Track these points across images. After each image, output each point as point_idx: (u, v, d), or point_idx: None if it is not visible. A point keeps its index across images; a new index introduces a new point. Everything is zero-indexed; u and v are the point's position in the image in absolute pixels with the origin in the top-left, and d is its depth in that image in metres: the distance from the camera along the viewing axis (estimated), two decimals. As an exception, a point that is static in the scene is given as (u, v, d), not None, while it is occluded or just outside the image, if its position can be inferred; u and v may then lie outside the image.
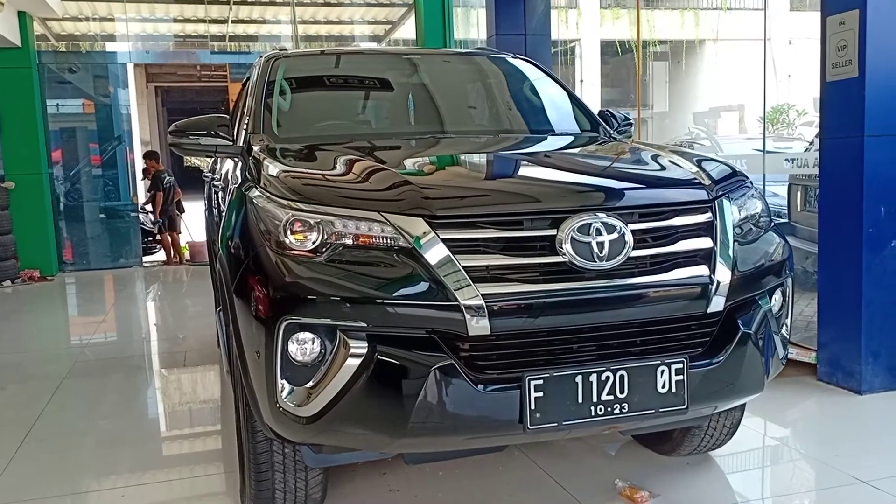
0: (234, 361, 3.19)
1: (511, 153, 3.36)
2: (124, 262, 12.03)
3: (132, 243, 12.20)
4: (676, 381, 2.48)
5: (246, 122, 3.67)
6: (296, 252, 2.49)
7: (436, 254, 2.39)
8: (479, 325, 2.34)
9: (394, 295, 2.38)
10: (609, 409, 2.43)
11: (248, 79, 4.47)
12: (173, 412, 4.73)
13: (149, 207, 12.86)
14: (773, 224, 2.98)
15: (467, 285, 2.35)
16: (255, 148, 3.34)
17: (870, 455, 3.49)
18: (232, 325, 2.76)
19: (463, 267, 2.37)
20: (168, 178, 12.39)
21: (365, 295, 2.39)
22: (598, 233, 2.44)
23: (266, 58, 4.07)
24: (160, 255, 12.87)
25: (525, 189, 2.68)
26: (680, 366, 2.48)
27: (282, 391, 2.46)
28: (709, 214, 2.65)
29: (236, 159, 3.58)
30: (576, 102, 4.14)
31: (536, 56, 8.52)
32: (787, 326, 2.93)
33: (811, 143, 6.40)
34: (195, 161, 22.53)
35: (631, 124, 4.20)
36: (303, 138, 3.53)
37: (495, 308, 2.35)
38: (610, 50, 22.78)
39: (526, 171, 3.02)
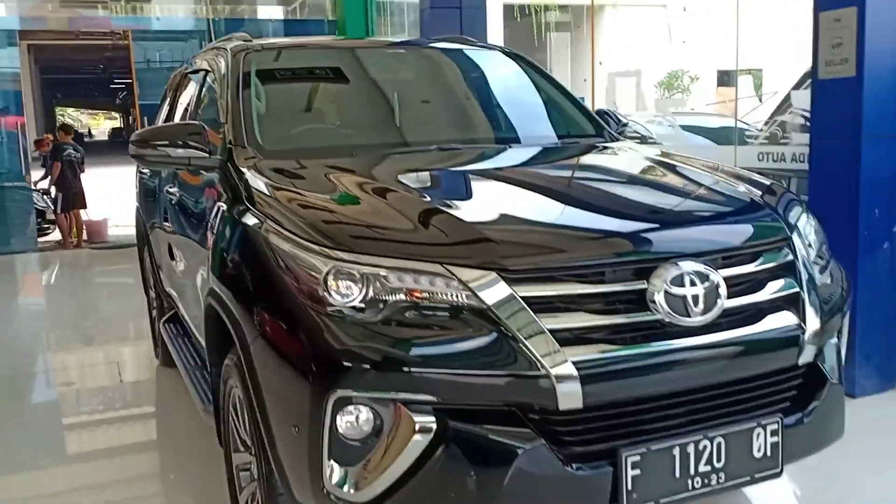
0: (229, 429, 2.84)
1: (565, 179, 3.02)
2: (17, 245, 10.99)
3: (25, 224, 11.10)
4: (772, 444, 2.26)
5: (223, 130, 3.20)
6: (339, 309, 2.13)
7: (515, 314, 2.07)
8: (570, 397, 2.05)
9: (471, 364, 2.06)
10: (706, 480, 2.19)
11: (204, 73, 3.97)
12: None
13: (43, 185, 11.80)
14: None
15: (556, 351, 2.04)
16: (244, 166, 2.92)
17: (863, 459, 3.43)
18: (251, 388, 2.37)
19: (548, 329, 2.07)
20: (74, 152, 11.31)
21: (436, 364, 2.06)
22: (692, 283, 2.18)
23: (234, 51, 3.57)
24: (56, 235, 11.81)
25: (606, 233, 2.36)
26: (775, 426, 2.26)
27: (330, 473, 2.11)
28: (786, 251, 2.43)
29: (215, 173, 3.14)
30: (574, 102, 3.85)
31: (473, 31, 8.17)
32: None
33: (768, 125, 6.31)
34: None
35: (627, 125, 3.96)
36: (295, 151, 3.13)
37: (587, 376, 2.06)
38: (511, 14, 22.53)
39: (593, 204, 2.68)
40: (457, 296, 2.10)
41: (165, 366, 5.13)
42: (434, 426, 2.04)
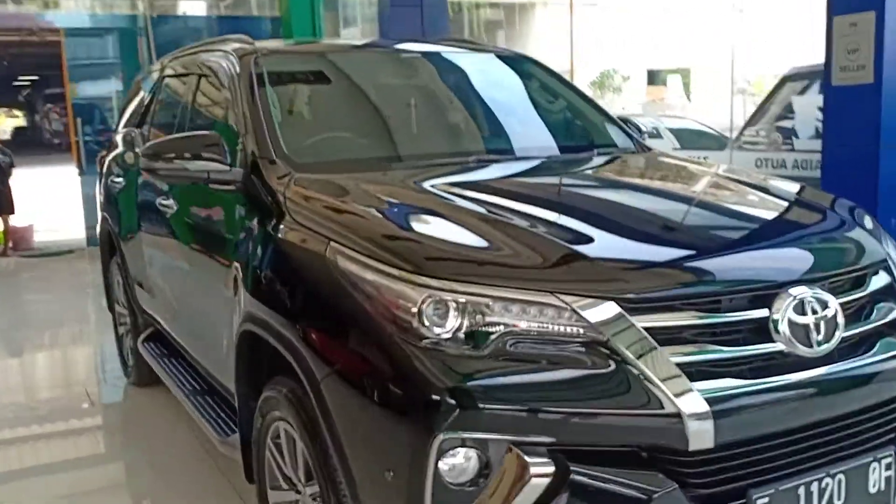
0: (265, 465, 2.61)
1: (648, 195, 2.82)
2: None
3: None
4: (886, 478, 2.13)
5: (241, 141, 2.91)
6: (437, 342, 1.91)
7: (638, 346, 1.88)
8: (701, 436, 1.86)
9: (591, 402, 1.86)
10: None
11: (197, 77, 3.65)
12: None
13: None
14: None
15: (685, 386, 1.86)
16: (279, 181, 2.64)
17: None
18: (325, 428, 2.12)
19: (674, 362, 1.88)
20: (1, 156, 10.61)
21: (553, 402, 1.87)
22: (814, 310, 2.03)
23: (242, 54, 3.26)
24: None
25: (724, 258, 2.18)
26: (889, 459, 2.13)
27: None
28: (885, 272, 2.31)
29: (233, 186, 2.85)
30: (600, 110, 3.69)
31: (434, 29, 7.99)
32: None
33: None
34: None
35: (644, 133, 3.81)
36: (330, 164, 2.86)
37: (719, 412, 1.87)
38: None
39: (696, 226, 2.50)
40: (571, 328, 1.90)
41: (138, 385, 4.76)
42: (552, 470, 1.84)
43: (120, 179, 4.48)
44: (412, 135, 3.29)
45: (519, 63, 3.83)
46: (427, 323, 1.92)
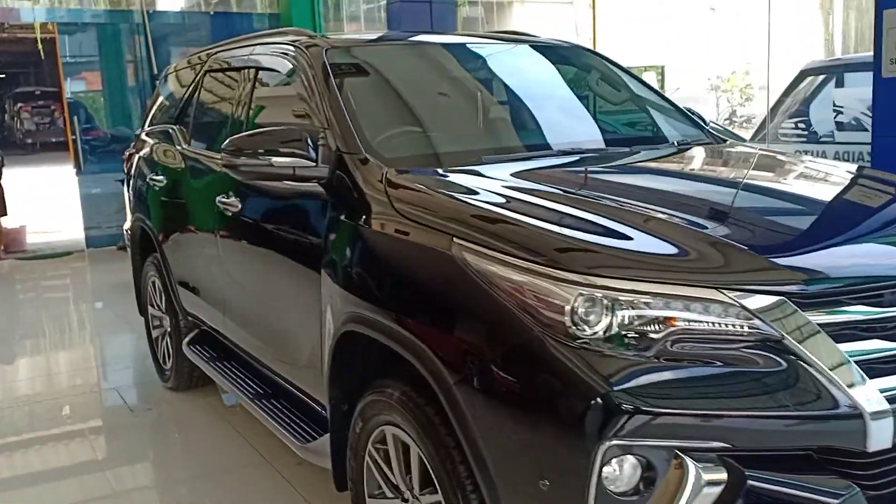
0: (363, 473, 2.56)
1: (784, 186, 2.79)
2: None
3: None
4: None
5: (323, 136, 2.82)
6: (591, 343, 1.83)
7: (814, 343, 1.83)
8: (881, 435, 1.81)
9: (765, 403, 1.80)
10: None
11: (254, 70, 3.56)
12: None
13: None
14: None
15: (864, 385, 1.81)
16: (375, 177, 2.57)
17: None
18: (462, 436, 2.03)
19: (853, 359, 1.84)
20: None
21: (724, 405, 1.80)
22: None
23: (313, 47, 3.17)
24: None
25: (882, 247, 2.15)
26: None
27: None
28: None
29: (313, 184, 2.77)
30: (670, 101, 3.65)
31: (443, 25, 7.94)
32: None
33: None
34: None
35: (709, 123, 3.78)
36: (424, 158, 2.80)
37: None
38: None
39: (843, 216, 2.46)
40: (740, 325, 1.85)
41: (176, 390, 4.64)
42: (724, 477, 1.78)
43: (160, 177, 4.35)
44: (496, 127, 3.22)
45: (583, 54, 3.78)
46: (581, 322, 1.85)
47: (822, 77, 6.13)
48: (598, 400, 1.77)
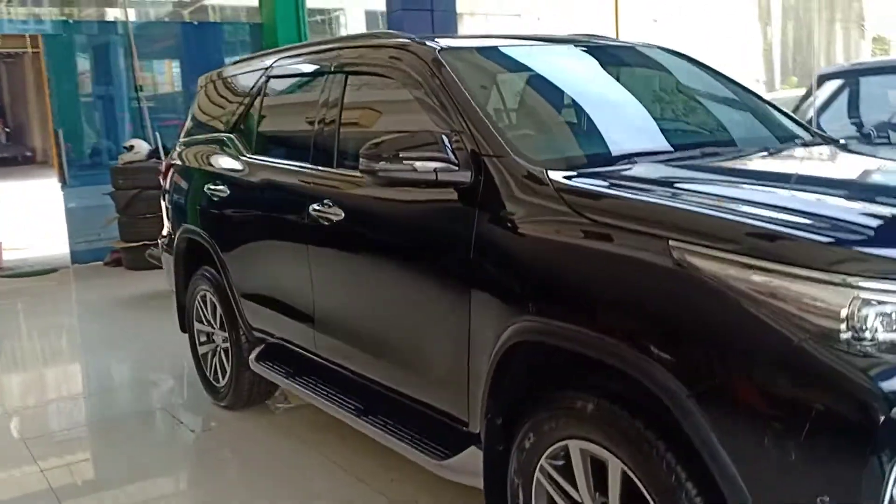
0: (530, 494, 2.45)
1: None
2: None
3: None
4: None
5: (458, 139, 2.74)
6: (870, 352, 1.75)
7: None
8: None
9: None
10: None
11: (343, 75, 3.46)
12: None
13: None
14: None
15: None
16: (535, 182, 2.49)
17: None
18: (706, 450, 1.93)
19: None
20: None
21: None
22: None
23: (427, 52, 3.08)
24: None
25: None
26: None
27: None
28: None
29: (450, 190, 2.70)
30: (766, 101, 3.66)
31: (445, 33, 7.91)
32: None
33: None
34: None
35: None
36: (571, 160, 2.73)
37: None
38: (374, 21, 22.19)
39: None
40: None
41: (231, 409, 4.47)
42: None
43: (221, 188, 4.18)
44: (632, 127, 3.17)
45: (687, 58, 3.76)
46: (861, 329, 1.75)
47: (840, 81, 6.24)
48: (888, 415, 1.69)
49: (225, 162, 4.26)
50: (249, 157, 4.05)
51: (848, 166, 3.08)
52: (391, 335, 3.14)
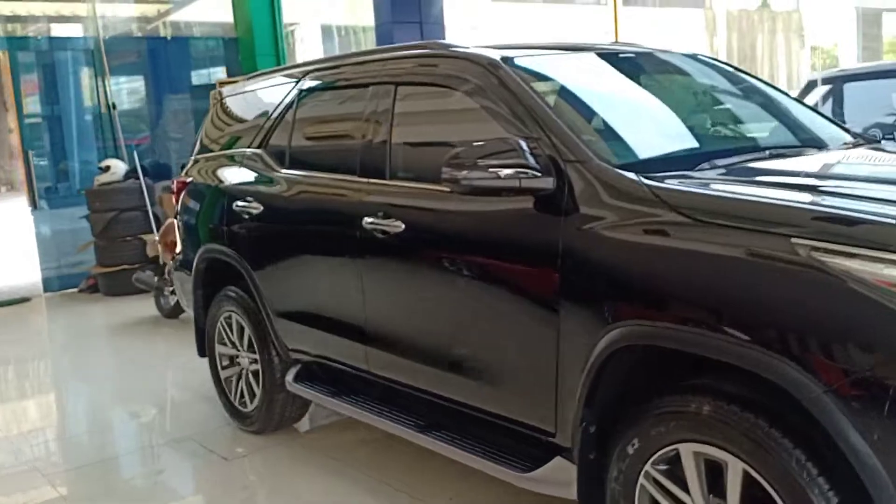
0: None
1: None
2: None
3: None
4: None
5: (535, 146, 2.69)
6: None
7: None
8: None
9: None
10: None
11: (393, 86, 3.38)
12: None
13: None
14: None
15: None
16: (632, 186, 2.45)
17: None
18: (853, 458, 1.92)
19: None
20: None
21: None
22: None
23: (490, 60, 3.03)
24: None
25: None
26: None
27: None
28: None
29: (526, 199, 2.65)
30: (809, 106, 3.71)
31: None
32: None
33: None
34: None
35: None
36: (652, 163, 2.68)
37: None
38: (328, 34, 22.08)
39: None
40: None
41: (260, 433, 4.31)
42: None
43: (250, 204, 4.03)
44: (697, 131, 3.18)
45: (725, 63, 3.79)
46: None
47: (827, 87, 6.45)
48: None
49: (255, 178, 4.11)
50: (285, 173, 3.93)
51: None
52: (465, 348, 3.06)
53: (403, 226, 3.17)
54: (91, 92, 8.99)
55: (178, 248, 4.86)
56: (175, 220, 4.88)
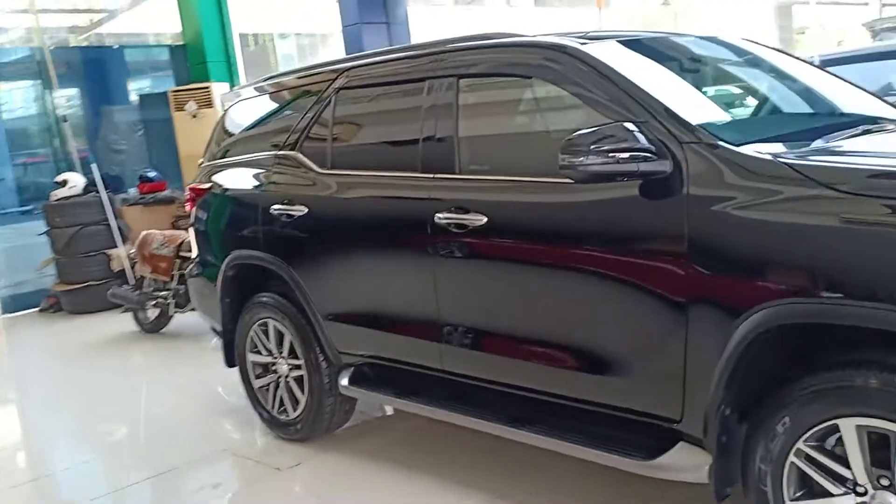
0: None
1: None
2: None
3: None
4: None
5: (642, 128, 2.68)
6: None
7: None
8: None
9: None
10: None
11: (455, 79, 3.34)
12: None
13: None
14: None
15: None
16: (751, 163, 2.48)
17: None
18: None
19: None
20: None
21: None
22: None
23: (572, 48, 3.02)
24: None
25: None
26: None
27: None
28: None
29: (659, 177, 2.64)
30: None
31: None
32: None
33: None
34: None
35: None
36: (767, 141, 2.69)
37: None
38: (245, 42, 21.64)
39: None
40: None
41: (304, 442, 4.20)
42: None
43: (292, 206, 3.92)
44: (791, 109, 3.27)
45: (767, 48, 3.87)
46: None
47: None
48: None
49: (295, 180, 4.00)
50: (330, 173, 3.84)
51: None
52: (575, 342, 3.00)
53: (485, 219, 3.13)
54: (39, 104, 8.59)
55: (195, 257, 4.70)
56: (192, 232, 4.71)
